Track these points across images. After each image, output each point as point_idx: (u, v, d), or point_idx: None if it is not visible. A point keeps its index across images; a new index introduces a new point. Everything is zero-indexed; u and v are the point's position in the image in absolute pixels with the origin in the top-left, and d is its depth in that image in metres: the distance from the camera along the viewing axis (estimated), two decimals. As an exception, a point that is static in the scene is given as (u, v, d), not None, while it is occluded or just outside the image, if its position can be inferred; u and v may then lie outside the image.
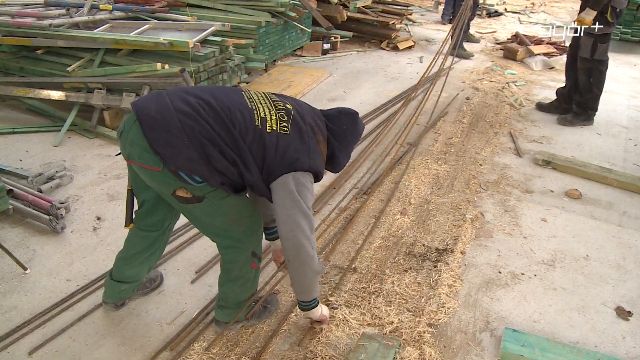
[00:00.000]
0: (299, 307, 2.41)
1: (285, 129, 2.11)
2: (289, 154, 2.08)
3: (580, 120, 5.38)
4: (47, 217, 3.25)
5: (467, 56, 7.82)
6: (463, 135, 4.99)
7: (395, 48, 8.09)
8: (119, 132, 2.09)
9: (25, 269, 2.90)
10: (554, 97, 5.73)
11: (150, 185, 2.16)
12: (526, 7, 12.29)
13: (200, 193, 2.07)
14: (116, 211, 3.52)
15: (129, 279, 2.56)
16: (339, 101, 5.74)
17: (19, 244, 3.14)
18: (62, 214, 3.34)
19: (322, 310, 2.50)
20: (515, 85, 6.58)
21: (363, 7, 8.25)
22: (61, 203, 3.39)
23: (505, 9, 11.80)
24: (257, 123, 2.06)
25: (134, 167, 2.14)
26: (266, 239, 2.60)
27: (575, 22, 4.98)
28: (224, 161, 2.00)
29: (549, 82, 6.83)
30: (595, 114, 5.41)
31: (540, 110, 5.73)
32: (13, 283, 2.82)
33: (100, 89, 4.55)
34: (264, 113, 2.10)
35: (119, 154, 2.16)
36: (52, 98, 4.69)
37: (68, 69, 4.77)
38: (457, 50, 7.81)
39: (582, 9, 4.93)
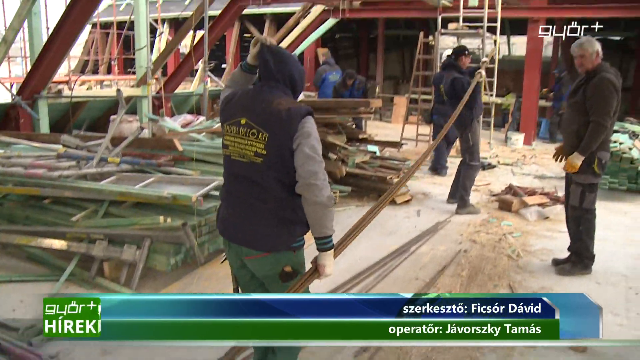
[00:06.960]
0: (317, 249, 2.76)
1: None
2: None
3: (578, 269, 5.35)
4: (34, 372, 3.15)
5: (474, 212, 7.78)
6: (462, 289, 4.95)
7: (393, 202, 8.21)
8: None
9: None
10: (551, 247, 5.77)
11: (259, 275, 2.72)
12: (517, 159, 12.82)
13: (297, 264, 2.71)
14: (106, 365, 3.42)
15: None
16: (337, 257, 5.74)
17: (1, 401, 3.02)
18: (50, 369, 3.24)
19: (331, 261, 2.81)
20: (512, 237, 6.66)
21: (361, 162, 8.57)
22: (51, 357, 3.30)
23: (498, 162, 12.30)
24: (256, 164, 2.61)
25: (248, 264, 2.71)
26: None
27: (564, 168, 5.09)
28: (282, 203, 2.67)
29: (544, 232, 6.90)
30: (592, 263, 5.38)
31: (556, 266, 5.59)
32: None
33: (102, 239, 4.63)
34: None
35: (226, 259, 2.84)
36: (54, 247, 4.74)
37: (72, 219, 4.88)
38: (467, 208, 7.72)
39: (565, 152, 5.09)
